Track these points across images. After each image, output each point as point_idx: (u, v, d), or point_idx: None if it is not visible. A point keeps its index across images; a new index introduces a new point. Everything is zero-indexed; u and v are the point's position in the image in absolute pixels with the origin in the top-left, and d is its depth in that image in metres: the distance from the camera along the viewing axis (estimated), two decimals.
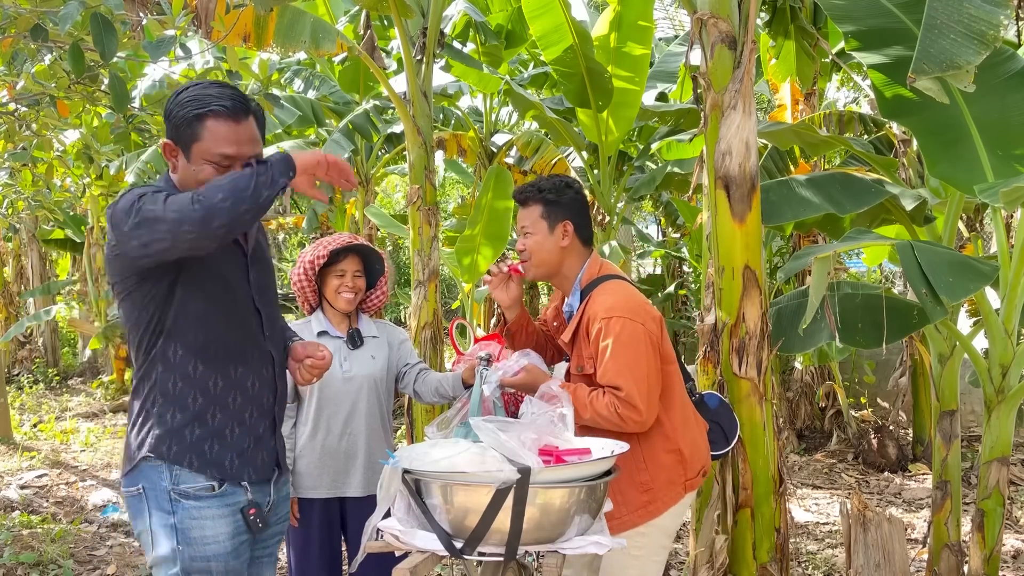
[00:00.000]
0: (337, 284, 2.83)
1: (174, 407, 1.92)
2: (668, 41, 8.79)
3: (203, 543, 1.91)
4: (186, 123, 1.88)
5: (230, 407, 1.96)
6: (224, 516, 1.93)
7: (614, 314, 2.31)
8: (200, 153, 1.89)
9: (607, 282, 2.43)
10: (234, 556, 1.95)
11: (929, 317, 2.88)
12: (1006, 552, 4.37)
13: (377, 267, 2.94)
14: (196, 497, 1.91)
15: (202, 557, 1.90)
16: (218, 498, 1.93)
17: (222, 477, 1.94)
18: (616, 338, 2.28)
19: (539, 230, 2.47)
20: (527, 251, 2.50)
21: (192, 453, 1.92)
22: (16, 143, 3.94)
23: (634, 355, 2.29)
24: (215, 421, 1.95)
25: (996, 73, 3.01)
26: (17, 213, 5.79)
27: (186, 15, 2.72)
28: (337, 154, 7.30)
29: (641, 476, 2.36)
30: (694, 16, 2.96)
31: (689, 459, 2.41)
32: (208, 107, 1.87)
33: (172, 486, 1.90)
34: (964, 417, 6.70)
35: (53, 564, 4.31)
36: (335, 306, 2.87)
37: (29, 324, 10.00)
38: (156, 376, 1.92)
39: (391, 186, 18.02)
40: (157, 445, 1.91)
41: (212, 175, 1.87)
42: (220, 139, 1.88)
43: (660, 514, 2.38)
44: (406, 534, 1.89)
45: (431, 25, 5.04)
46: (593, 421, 2.29)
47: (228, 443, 1.96)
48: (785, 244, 7.40)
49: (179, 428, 1.92)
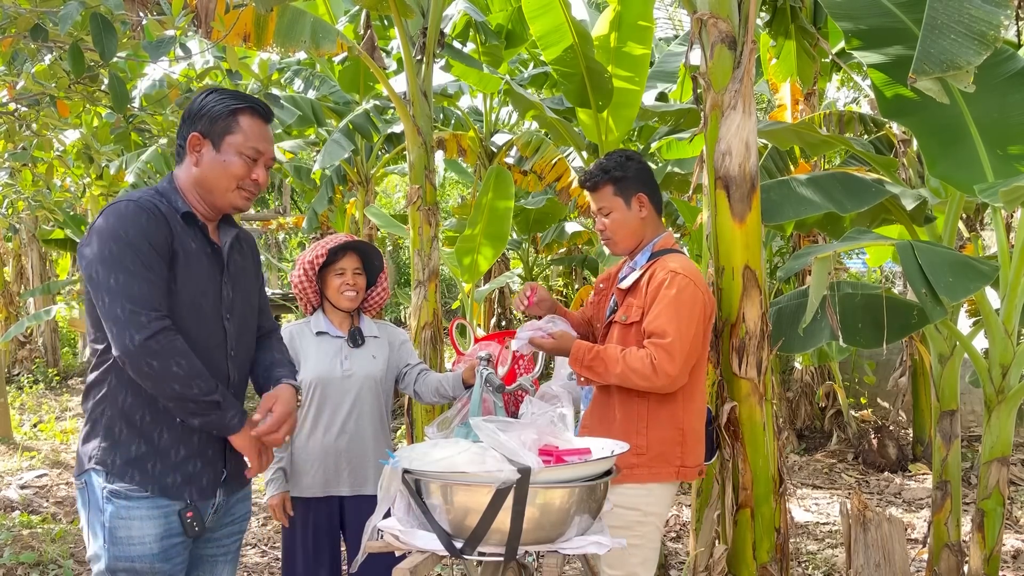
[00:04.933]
0: (338, 283, 2.83)
1: (122, 422, 1.92)
2: (668, 41, 8.80)
3: (128, 543, 1.89)
4: (221, 117, 1.98)
5: (177, 428, 1.94)
6: (153, 518, 1.91)
7: (683, 272, 2.40)
8: (233, 145, 1.98)
9: (678, 254, 2.53)
10: (162, 559, 1.92)
11: (929, 317, 2.88)
12: (1006, 552, 4.37)
13: (376, 264, 2.95)
14: (127, 497, 1.90)
15: (126, 557, 1.89)
16: (149, 499, 1.91)
17: (162, 494, 1.93)
18: (678, 293, 2.37)
19: (616, 207, 2.54)
20: (608, 231, 2.56)
21: (134, 469, 1.91)
22: (16, 143, 3.94)
23: (689, 314, 2.37)
24: (161, 440, 1.93)
25: (996, 73, 3.01)
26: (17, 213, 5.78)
27: (186, 15, 2.72)
28: (337, 154, 7.31)
29: (638, 439, 2.41)
30: (694, 16, 2.96)
31: (689, 445, 2.47)
32: (245, 103, 2.01)
33: (106, 484, 1.90)
34: (964, 417, 6.70)
35: (53, 564, 4.31)
36: (338, 305, 2.87)
37: (29, 324, 9.99)
38: (108, 386, 1.93)
39: (391, 186, 18.04)
40: (103, 457, 1.91)
41: (240, 168, 1.99)
42: (253, 135, 2.00)
43: (639, 482, 2.42)
44: (406, 534, 1.89)
45: (431, 25, 5.04)
46: (623, 377, 2.34)
47: (172, 463, 1.94)
48: (785, 244, 7.40)
49: (125, 443, 1.91)
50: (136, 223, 1.87)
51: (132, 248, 1.85)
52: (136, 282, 1.84)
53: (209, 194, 2.01)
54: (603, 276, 2.83)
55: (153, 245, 1.88)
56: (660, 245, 2.56)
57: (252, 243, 2.24)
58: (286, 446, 2.82)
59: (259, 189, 2.06)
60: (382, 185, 16.60)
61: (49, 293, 12.25)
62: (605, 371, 2.38)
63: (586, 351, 2.42)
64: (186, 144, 2.01)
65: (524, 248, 11.30)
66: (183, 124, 2.04)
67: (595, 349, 2.41)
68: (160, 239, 1.89)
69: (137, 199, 1.92)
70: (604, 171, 2.54)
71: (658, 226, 2.61)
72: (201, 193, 2.02)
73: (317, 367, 2.82)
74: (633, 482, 2.42)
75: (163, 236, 1.90)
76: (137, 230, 1.86)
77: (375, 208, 8.59)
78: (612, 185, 2.53)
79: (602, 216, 2.57)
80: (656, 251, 2.55)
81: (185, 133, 2.01)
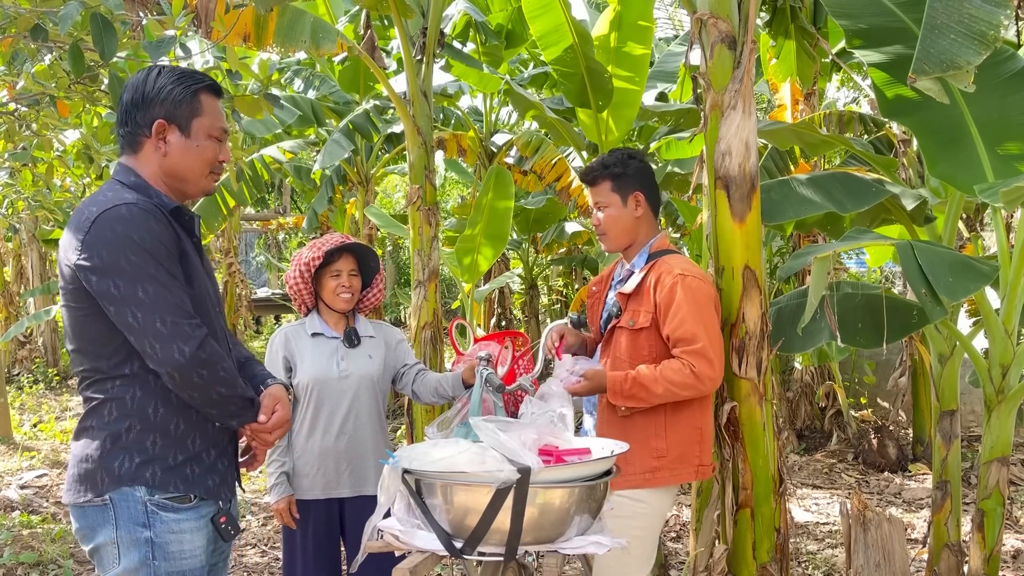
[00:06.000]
0: (334, 285, 2.83)
1: (155, 434, 1.82)
2: (668, 41, 8.79)
3: (180, 557, 1.83)
4: (186, 100, 1.87)
5: (207, 429, 1.90)
6: (200, 528, 1.87)
7: (690, 274, 2.43)
8: (203, 128, 1.89)
9: (675, 255, 2.56)
10: (209, 569, 1.90)
11: (929, 317, 2.88)
12: (1006, 552, 4.37)
13: (372, 265, 2.95)
14: (175, 509, 1.83)
15: (178, 572, 1.83)
16: (194, 510, 1.86)
17: (207, 496, 1.89)
18: (694, 294, 2.40)
19: (612, 203, 2.56)
20: (602, 226, 2.58)
21: (176, 478, 1.84)
22: (16, 143, 3.93)
23: (708, 313, 2.43)
24: (195, 445, 1.88)
25: (996, 73, 3.01)
26: (17, 213, 5.78)
27: (186, 15, 2.72)
28: (337, 154, 7.31)
29: (657, 443, 2.41)
30: (694, 16, 2.96)
31: (705, 444, 2.50)
32: (202, 83, 1.90)
33: (148, 497, 1.80)
34: (964, 417, 6.70)
35: (53, 564, 4.31)
36: (333, 307, 2.87)
37: (29, 324, 9.98)
38: (132, 401, 1.82)
39: (391, 186, 18.03)
40: (139, 472, 1.80)
41: (212, 151, 1.91)
42: (217, 114, 1.92)
43: (662, 485, 2.43)
44: (406, 534, 1.89)
45: (431, 25, 5.04)
46: (667, 393, 2.35)
47: (207, 465, 1.90)
48: (785, 244, 7.40)
49: (161, 454, 1.83)
50: (147, 227, 1.76)
51: (152, 256, 1.75)
52: (168, 292, 1.75)
53: (182, 183, 1.91)
54: (596, 279, 2.84)
55: (169, 249, 1.80)
56: (656, 246, 2.58)
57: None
58: (286, 449, 2.82)
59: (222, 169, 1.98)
60: (382, 185, 16.60)
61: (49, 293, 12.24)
62: (648, 395, 2.36)
63: (622, 381, 2.39)
64: (148, 131, 1.86)
65: (524, 248, 11.30)
66: (134, 110, 1.87)
67: (629, 377, 2.38)
68: (170, 241, 1.81)
69: (136, 202, 1.79)
70: (604, 166, 2.56)
71: (654, 227, 2.62)
72: (171, 183, 1.91)
73: (314, 368, 2.81)
74: (655, 486, 2.42)
75: (171, 237, 1.82)
76: (151, 235, 1.76)
77: (375, 208, 8.59)
78: (610, 181, 2.55)
79: (598, 211, 2.59)
80: (653, 252, 2.56)
81: (142, 120, 1.86)
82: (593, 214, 2.62)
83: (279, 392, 2.00)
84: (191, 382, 1.76)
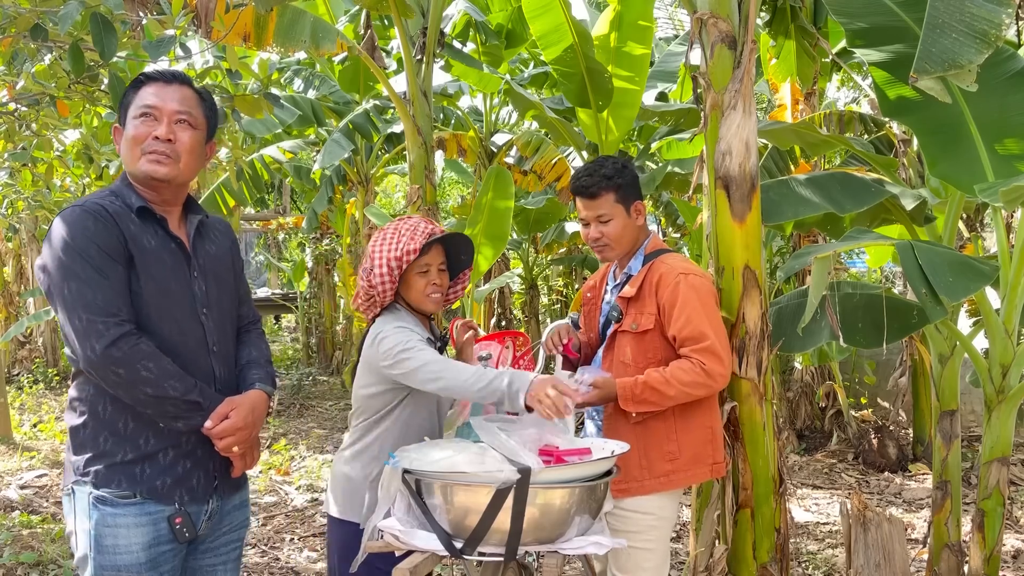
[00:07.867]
0: (423, 284, 2.34)
1: (106, 431, 1.85)
2: (668, 41, 8.79)
3: (114, 552, 1.83)
4: (126, 98, 1.93)
5: (163, 430, 1.86)
6: (142, 525, 1.84)
7: (691, 272, 2.43)
8: (131, 113, 1.91)
9: (671, 253, 2.55)
10: (150, 567, 1.85)
11: (929, 317, 2.88)
12: (1006, 552, 4.36)
13: (463, 258, 2.48)
14: (113, 504, 1.83)
15: (112, 566, 1.83)
16: (136, 507, 1.84)
17: (151, 497, 1.86)
18: (697, 292, 2.39)
19: (617, 214, 2.51)
20: (606, 238, 2.52)
21: (121, 475, 1.84)
22: (16, 143, 3.93)
23: (713, 309, 2.43)
24: (148, 445, 1.86)
25: (996, 73, 3.00)
26: (17, 213, 5.78)
27: (186, 15, 2.72)
28: (337, 154, 7.32)
29: (669, 445, 2.40)
30: (694, 16, 2.96)
31: (717, 442, 2.49)
32: (146, 76, 1.95)
33: (92, 491, 1.84)
34: (964, 417, 6.70)
35: (53, 564, 4.31)
36: (421, 308, 2.38)
37: (29, 324, 9.97)
38: (87, 399, 1.86)
39: (391, 186, 18.03)
40: (88, 467, 1.85)
41: (136, 130, 1.88)
42: (146, 95, 1.91)
43: (678, 487, 2.43)
44: (406, 534, 1.89)
45: (431, 25, 5.05)
46: (680, 395, 2.33)
47: (161, 466, 1.87)
48: (785, 244, 7.40)
49: (111, 451, 1.84)
50: (83, 228, 1.79)
51: (81, 255, 1.77)
52: (89, 289, 1.76)
53: (131, 175, 1.92)
54: (588, 285, 2.79)
55: (103, 248, 1.79)
56: (651, 248, 2.57)
57: (224, 228, 2.14)
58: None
59: (172, 149, 1.89)
60: (382, 185, 16.60)
61: None
62: (660, 398, 2.31)
63: (632, 387, 2.33)
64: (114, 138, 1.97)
65: (524, 248, 11.29)
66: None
67: (640, 382, 2.33)
68: (111, 241, 1.80)
69: (83, 203, 1.83)
70: (607, 178, 2.47)
71: (646, 229, 2.62)
72: (133, 179, 1.92)
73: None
74: (670, 489, 2.41)
75: (114, 237, 1.81)
76: (84, 235, 1.78)
77: (375, 208, 8.59)
78: (614, 192, 2.48)
79: (600, 223, 2.50)
80: (648, 254, 2.54)
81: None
82: (592, 227, 2.51)
83: (241, 399, 1.94)
84: (109, 380, 1.78)
